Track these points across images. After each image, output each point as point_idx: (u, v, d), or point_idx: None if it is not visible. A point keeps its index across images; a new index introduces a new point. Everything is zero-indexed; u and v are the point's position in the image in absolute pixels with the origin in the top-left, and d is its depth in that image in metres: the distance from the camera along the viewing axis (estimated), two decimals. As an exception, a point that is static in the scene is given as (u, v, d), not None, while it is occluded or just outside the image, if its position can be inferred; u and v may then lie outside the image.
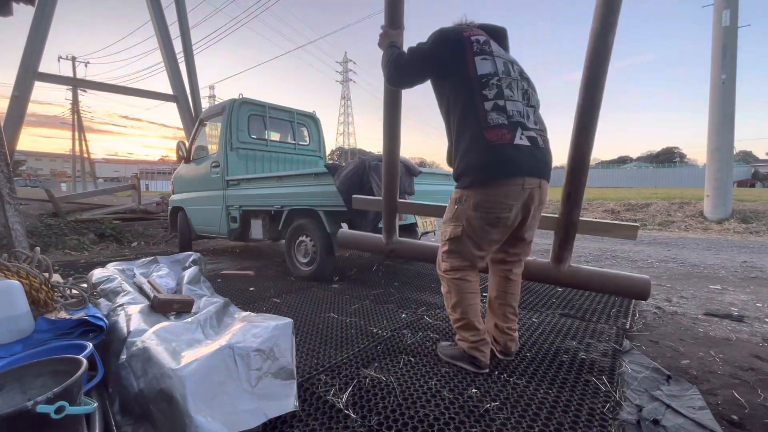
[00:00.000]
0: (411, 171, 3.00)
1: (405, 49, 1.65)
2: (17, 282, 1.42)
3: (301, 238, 3.39)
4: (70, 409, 0.87)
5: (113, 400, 1.24)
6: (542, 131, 1.53)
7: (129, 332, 1.36)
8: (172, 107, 8.30)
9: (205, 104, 9.44)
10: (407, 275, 3.46)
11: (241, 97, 4.23)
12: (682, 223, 7.61)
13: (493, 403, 1.32)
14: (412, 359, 1.68)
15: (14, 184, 3.41)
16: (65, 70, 24.80)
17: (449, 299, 1.62)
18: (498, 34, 1.61)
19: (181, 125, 8.31)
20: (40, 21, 6.15)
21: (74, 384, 0.92)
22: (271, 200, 3.56)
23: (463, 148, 1.49)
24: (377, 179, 2.72)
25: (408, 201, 2.61)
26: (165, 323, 1.43)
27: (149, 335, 1.30)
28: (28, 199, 7.34)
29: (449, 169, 1.64)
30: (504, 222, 1.47)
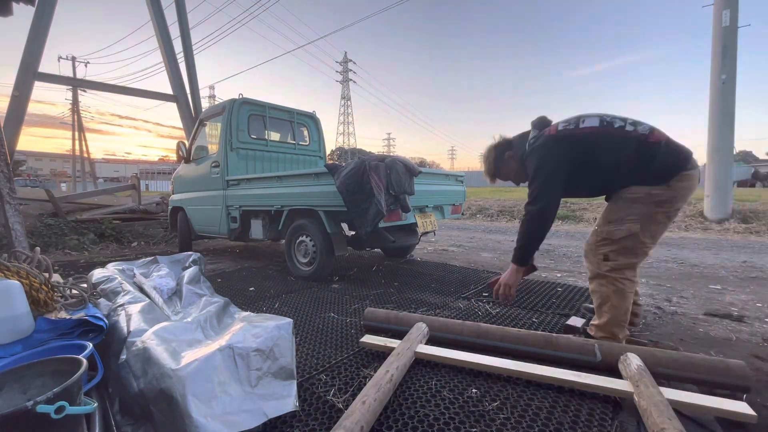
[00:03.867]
0: (411, 171, 3.00)
1: None
2: (17, 282, 1.42)
3: (301, 238, 3.40)
4: (70, 409, 0.87)
5: (113, 400, 1.24)
6: None
7: (129, 332, 1.36)
8: (171, 107, 8.30)
9: (205, 104, 9.45)
10: (407, 275, 3.46)
11: (241, 97, 4.23)
12: (682, 223, 7.60)
13: (493, 403, 1.32)
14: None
15: (14, 184, 3.41)
16: (65, 70, 24.86)
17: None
18: None
19: (180, 125, 8.31)
20: (40, 21, 6.15)
21: (74, 384, 0.92)
22: (271, 200, 3.56)
23: None
24: (377, 179, 2.72)
25: None
26: (165, 323, 1.43)
27: (149, 335, 1.30)
28: (28, 199, 7.34)
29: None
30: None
